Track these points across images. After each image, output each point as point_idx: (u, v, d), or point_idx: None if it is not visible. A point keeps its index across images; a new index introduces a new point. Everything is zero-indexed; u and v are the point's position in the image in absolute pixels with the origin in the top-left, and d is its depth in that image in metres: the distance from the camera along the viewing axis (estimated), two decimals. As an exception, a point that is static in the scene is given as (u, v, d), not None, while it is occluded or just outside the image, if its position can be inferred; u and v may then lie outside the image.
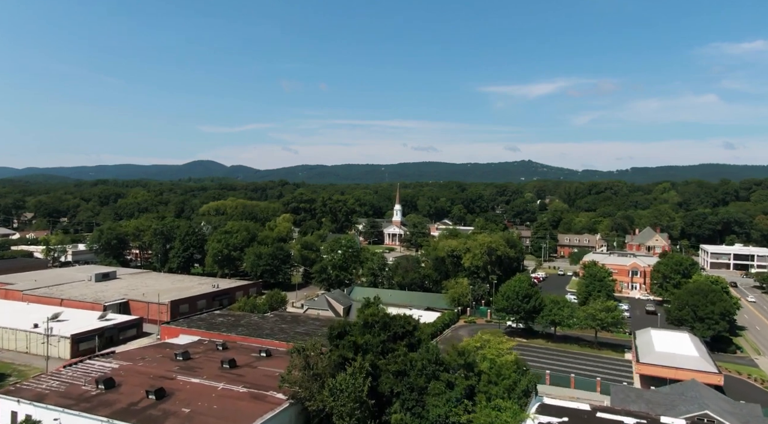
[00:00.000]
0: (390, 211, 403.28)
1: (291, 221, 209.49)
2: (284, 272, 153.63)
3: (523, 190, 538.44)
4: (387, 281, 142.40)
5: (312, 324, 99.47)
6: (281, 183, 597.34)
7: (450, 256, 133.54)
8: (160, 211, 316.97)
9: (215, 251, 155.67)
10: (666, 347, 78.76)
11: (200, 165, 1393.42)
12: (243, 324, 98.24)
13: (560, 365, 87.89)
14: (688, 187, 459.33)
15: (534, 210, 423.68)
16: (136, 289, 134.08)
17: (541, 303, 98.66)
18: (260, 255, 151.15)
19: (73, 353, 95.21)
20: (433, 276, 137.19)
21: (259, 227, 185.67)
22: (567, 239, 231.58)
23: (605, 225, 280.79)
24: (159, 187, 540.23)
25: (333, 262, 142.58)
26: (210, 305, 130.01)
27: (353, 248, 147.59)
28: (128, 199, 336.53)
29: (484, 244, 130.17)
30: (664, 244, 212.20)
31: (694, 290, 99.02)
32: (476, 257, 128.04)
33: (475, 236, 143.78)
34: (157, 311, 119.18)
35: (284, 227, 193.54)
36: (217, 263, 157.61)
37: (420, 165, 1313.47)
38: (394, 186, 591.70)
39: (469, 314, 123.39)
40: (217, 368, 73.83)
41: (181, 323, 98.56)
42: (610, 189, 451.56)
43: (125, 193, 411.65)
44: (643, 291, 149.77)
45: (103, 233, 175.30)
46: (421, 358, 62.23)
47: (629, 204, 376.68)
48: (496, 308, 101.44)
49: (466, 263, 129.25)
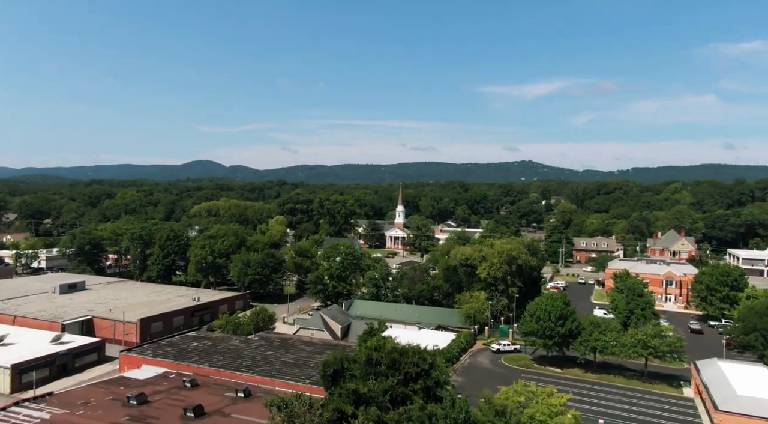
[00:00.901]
0: (391, 212, 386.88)
1: (285, 223, 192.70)
2: (275, 281, 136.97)
3: (528, 190, 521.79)
4: (391, 293, 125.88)
5: (303, 351, 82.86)
6: (279, 183, 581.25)
7: (463, 265, 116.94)
8: (149, 212, 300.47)
9: (198, 258, 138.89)
10: (750, 389, 62.17)
11: (199, 165, 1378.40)
12: (220, 351, 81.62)
13: (605, 404, 71.33)
14: (700, 187, 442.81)
15: (540, 211, 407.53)
16: (104, 303, 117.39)
17: (578, 326, 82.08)
18: (248, 263, 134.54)
19: (14, 388, 78.58)
20: (444, 288, 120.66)
21: (250, 231, 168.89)
22: (583, 243, 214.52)
23: (621, 227, 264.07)
24: (155, 187, 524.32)
25: (330, 271, 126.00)
26: (188, 322, 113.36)
27: (353, 255, 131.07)
28: (116, 199, 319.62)
29: (503, 252, 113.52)
30: (691, 248, 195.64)
31: (762, 310, 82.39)
32: (494, 267, 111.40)
33: (491, 241, 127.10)
34: (127, 330, 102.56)
35: (277, 230, 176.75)
36: (200, 272, 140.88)
37: (420, 165, 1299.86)
38: (395, 186, 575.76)
39: (488, 334, 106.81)
40: (178, 418, 57.27)
41: (146, 349, 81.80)
42: (619, 189, 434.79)
43: (116, 193, 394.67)
44: (679, 304, 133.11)
45: (76, 237, 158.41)
46: (444, 415, 45.58)
47: (641, 205, 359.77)
48: (523, 330, 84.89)
49: (482, 273, 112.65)
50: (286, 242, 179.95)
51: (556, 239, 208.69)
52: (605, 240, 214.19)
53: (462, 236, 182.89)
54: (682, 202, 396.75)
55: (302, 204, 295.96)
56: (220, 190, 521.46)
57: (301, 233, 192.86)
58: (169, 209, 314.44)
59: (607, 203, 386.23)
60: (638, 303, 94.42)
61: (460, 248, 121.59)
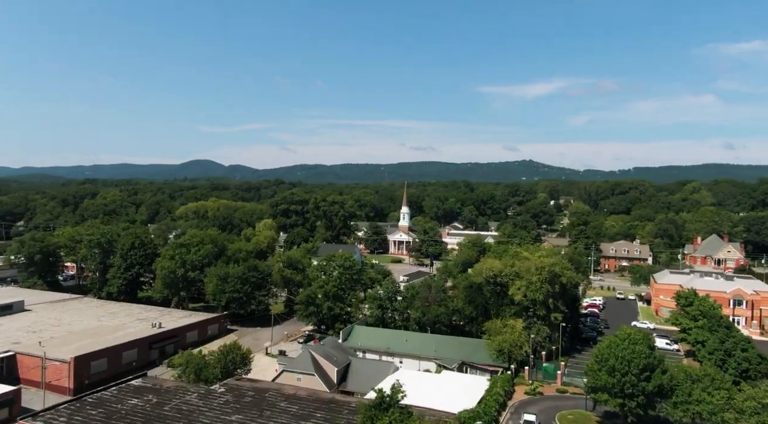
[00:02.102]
0: (393, 212, 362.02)
1: (275, 227, 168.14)
2: (259, 300, 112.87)
3: (536, 190, 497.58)
4: (399, 316, 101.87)
5: (284, 414, 58.77)
6: (276, 182, 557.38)
7: (491, 283, 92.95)
8: (130, 214, 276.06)
9: (166, 271, 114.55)
10: None
11: (198, 164, 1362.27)
12: (167, 416, 57.56)
13: None
14: (719, 186, 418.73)
15: (551, 212, 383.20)
16: (40, 330, 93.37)
17: (671, 381, 58.12)
18: (226, 277, 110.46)
19: None
20: (467, 311, 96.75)
21: (233, 237, 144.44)
22: (612, 250, 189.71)
23: (647, 231, 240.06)
24: (148, 186, 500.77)
25: (325, 289, 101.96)
26: (144, 356, 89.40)
27: (352, 269, 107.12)
28: (96, 200, 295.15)
29: (542, 267, 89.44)
30: (739, 256, 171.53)
31: None
32: (533, 287, 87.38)
33: (523, 252, 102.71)
34: (57, 371, 78.53)
35: (265, 236, 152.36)
36: (169, 288, 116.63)
37: (420, 165, 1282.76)
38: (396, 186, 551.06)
39: (528, 375, 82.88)
40: None
41: (58, 416, 57.66)
42: (634, 189, 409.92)
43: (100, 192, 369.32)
44: (753, 329, 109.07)
45: (25, 244, 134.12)
46: None
47: (660, 206, 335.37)
48: (591, 385, 60.92)
49: (516, 295, 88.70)
50: (278, 249, 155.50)
51: (581, 244, 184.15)
52: (636, 246, 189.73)
53: (477, 242, 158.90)
54: (702, 202, 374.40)
55: (297, 205, 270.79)
56: (215, 190, 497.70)
57: (294, 239, 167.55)
58: (153, 210, 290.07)
59: (624, 204, 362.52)
60: (735, 341, 70.24)
61: (488, 261, 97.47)
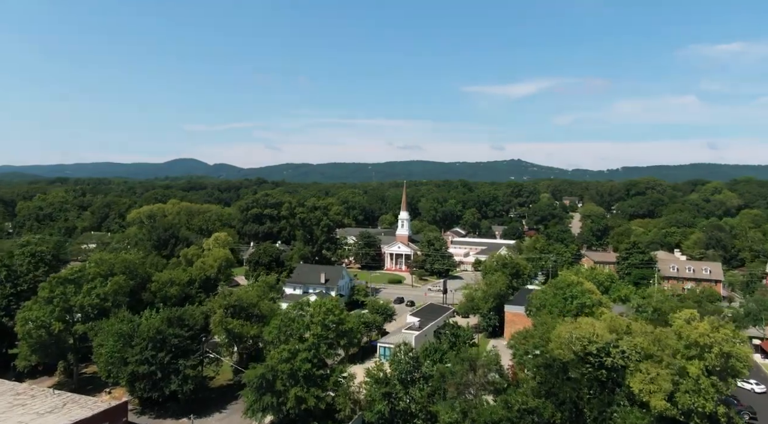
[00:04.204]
0: (384, 215, 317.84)
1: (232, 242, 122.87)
2: (185, 375, 68.29)
3: (538, 190, 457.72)
4: (421, 411, 58.30)
5: None
6: (258, 182, 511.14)
7: (587, 362, 50.31)
8: (70, 220, 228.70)
9: (33, 326, 69.93)
10: None
11: (182, 163, 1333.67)
12: None
13: None
14: (744, 186, 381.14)
15: (561, 215, 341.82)
16: None
17: None
18: (131, 337, 66.20)
19: None
20: (546, 414, 53.54)
21: (162, 262, 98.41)
22: (673, 268, 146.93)
23: (693, 241, 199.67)
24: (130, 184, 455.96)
25: (292, 367, 58.22)
26: None
27: (334, 323, 63.56)
28: (33, 201, 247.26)
29: (689, 336, 46.89)
30: None
31: None
32: (689, 385, 44.65)
33: (629, 291, 59.78)
34: None
35: (216, 256, 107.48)
36: (39, 352, 71.84)
37: (408, 164, 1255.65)
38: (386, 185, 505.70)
39: None
40: None
41: None
42: (651, 189, 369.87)
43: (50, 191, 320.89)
44: None
45: None
46: None
47: (689, 208, 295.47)
48: None
49: (645, 395, 45.86)
50: (229, 276, 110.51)
51: (635, 261, 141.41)
52: (705, 264, 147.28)
53: (510, 263, 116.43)
54: (728, 203, 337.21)
55: (272, 209, 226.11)
56: (191, 189, 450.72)
57: (259, 259, 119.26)
58: (102, 214, 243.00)
59: (645, 206, 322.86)
60: None
61: (583, 320, 54.33)
